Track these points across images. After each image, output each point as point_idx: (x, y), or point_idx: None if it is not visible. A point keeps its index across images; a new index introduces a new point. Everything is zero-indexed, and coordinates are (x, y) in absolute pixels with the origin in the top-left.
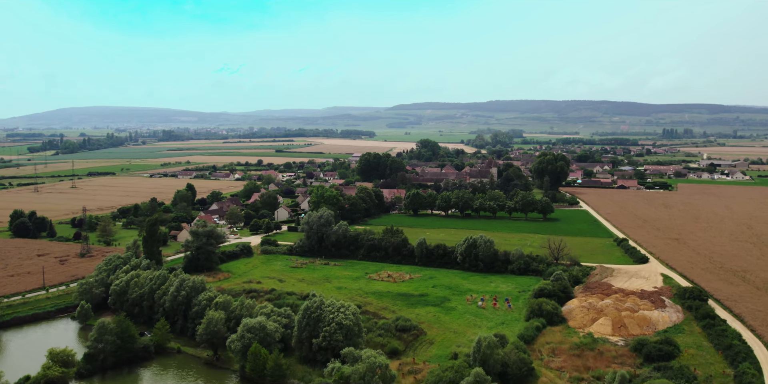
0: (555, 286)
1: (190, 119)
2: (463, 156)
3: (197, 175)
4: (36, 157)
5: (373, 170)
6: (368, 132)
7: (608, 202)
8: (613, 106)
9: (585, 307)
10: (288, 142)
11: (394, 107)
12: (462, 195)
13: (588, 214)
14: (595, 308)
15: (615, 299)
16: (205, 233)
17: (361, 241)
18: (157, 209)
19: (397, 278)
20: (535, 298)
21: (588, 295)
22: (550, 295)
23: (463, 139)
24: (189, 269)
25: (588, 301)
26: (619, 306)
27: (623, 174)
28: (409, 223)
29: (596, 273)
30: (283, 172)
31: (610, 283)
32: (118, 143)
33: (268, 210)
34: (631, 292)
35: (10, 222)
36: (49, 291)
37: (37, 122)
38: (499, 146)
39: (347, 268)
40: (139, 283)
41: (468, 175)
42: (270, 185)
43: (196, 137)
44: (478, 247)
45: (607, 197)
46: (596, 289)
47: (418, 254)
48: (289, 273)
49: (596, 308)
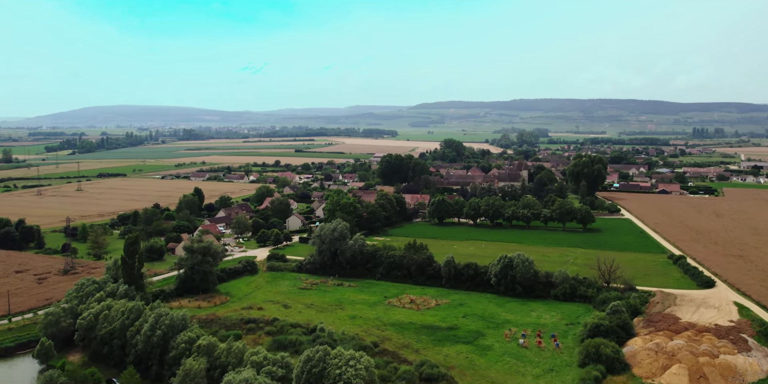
0: (613, 321)
1: (213, 118)
2: (489, 156)
3: (210, 177)
4: (52, 157)
5: (394, 172)
6: (390, 131)
7: (652, 209)
8: (640, 104)
9: (652, 350)
10: (308, 142)
11: (416, 106)
12: (492, 202)
13: (632, 223)
14: (664, 351)
15: (687, 339)
16: (200, 250)
17: (379, 257)
18: (157, 217)
19: (421, 305)
20: (590, 337)
21: (653, 333)
22: (607, 333)
23: (487, 138)
24: (182, 291)
25: (654, 341)
26: (694, 349)
27: (662, 177)
28: (434, 233)
29: (657, 301)
30: (300, 173)
31: (676, 314)
32: (137, 142)
33: (280, 218)
34: (704, 328)
35: None
36: (12, 320)
37: (62, 121)
38: (525, 146)
39: (363, 290)
40: (109, 316)
41: (496, 178)
42: (285, 188)
43: (217, 136)
44: (515, 268)
45: (649, 203)
46: (660, 323)
47: (446, 275)
48: (296, 296)
49: (666, 351)
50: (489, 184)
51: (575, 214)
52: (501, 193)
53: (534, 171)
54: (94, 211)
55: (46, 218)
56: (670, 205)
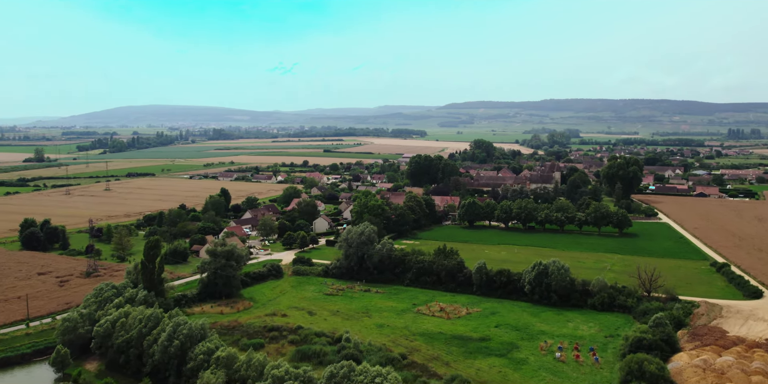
0: (656, 334)
1: (243, 118)
2: (519, 157)
3: (238, 177)
4: (83, 157)
5: (423, 174)
6: (419, 131)
7: (690, 213)
8: (673, 105)
9: (699, 367)
10: (337, 142)
11: (445, 106)
12: (525, 205)
13: (670, 228)
14: (712, 369)
15: (737, 355)
16: (223, 253)
17: (408, 263)
18: (183, 218)
19: (451, 313)
20: (632, 351)
21: (699, 348)
22: (650, 348)
23: (517, 139)
24: (204, 296)
25: (701, 356)
26: (745, 366)
27: (699, 179)
28: (464, 237)
29: (701, 312)
30: (328, 174)
31: (722, 327)
32: (168, 142)
33: (306, 220)
34: (754, 343)
35: (20, 232)
36: (30, 325)
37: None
38: (556, 147)
39: (391, 297)
40: (126, 324)
41: (528, 179)
42: (312, 189)
43: (246, 136)
44: (551, 276)
45: (687, 207)
46: (707, 337)
47: (477, 282)
48: (322, 302)
49: (714, 369)
50: (521, 186)
51: (611, 218)
52: (533, 196)
53: (567, 173)
54: (121, 212)
55: (73, 218)
56: (709, 208)
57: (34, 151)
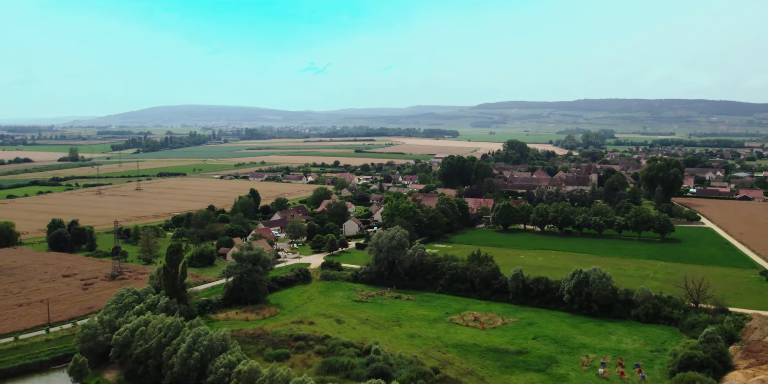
0: (707, 351)
1: (275, 118)
2: (554, 158)
3: (269, 177)
4: (116, 156)
5: (456, 175)
6: (452, 131)
7: (734, 217)
8: (710, 105)
9: None
10: (369, 142)
11: (478, 106)
12: (561, 208)
13: (715, 233)
14: None
15: None
16: (249, 258)
17: (441, 269)
18: (211, 219)
19: (486, 323)
20: (682, 369)
21: (755, 367)
22: (701, 366)
23: (551, 139)
24: (229, 301)
25: (758, 376)
26: None
27: (742, 182)
28: (499, 241)
29: (754, 326)
30: (359, 174)
31: None
32: (200, 141)
33: (336, 222)
34: None
35: (47, 232)
36: (50, 331)
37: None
38: (591, 147)
39: (423, 305)
40: (146, 333)
41: (564, 181)
42: (343, 190)
43: (278, 136)
44: (591, 284)
45: (731, 211)
46: (762, 353)
47: (513, 290)
48: (350, 309)
49: None
50: (557, 188)
51: (653, 223)
52: (569, 198)
53: (603, 174)
54: (150, 212)
55: (102, 218)
56: (754, 212)
57: (68, 150)
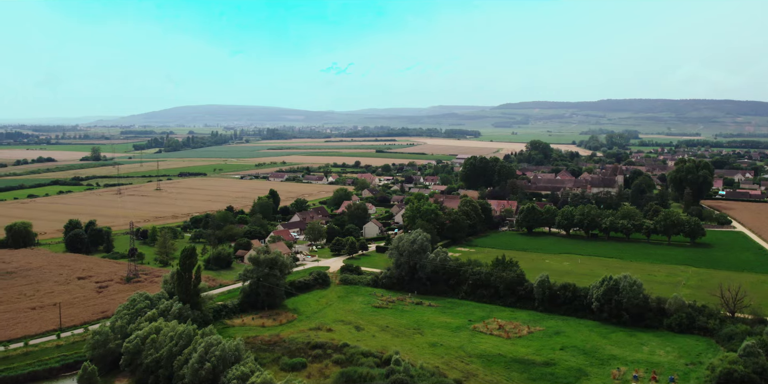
0: (748, 366)
1: (297, 117)
2: (577, 159)
3: (289, 178)
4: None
5: (479, 176)
6: (473, 131)
7: (767, 221)
8: (736, 105)
9: None
10: (390, 142)
11: (500, 106)
12: (588, 211)
13: (747, 238)
14: None
15: None
16: (266, 262)
17: (464, 274)
18: (230, 220)
19: (511, 332)
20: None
21: None
22: (742, 382)
23: (574, 140)
24: (246, 306)
25: None
26: None
27: None
28: (523, 244)
29: None
30: (380, 175)
31: None
32: (222, 141)
33: (356, 224)
34: None
35: (64, 233)
36: (61, 336)
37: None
38: (615, 148)
39: (445, 311)
40: (157, 341)
41: (589, 183)
42: (363, 191)
43: (300, 136)
44: (622, 292)
45: (763, 214)
46: None
47: (539, 297)
48: (370, 316)
49: None
50: (582, 190)
51: (683, 227)
52: (594, 201)
53: (630, 176)
54: (169, 212)
55: (121, 219)
56: None
57: (91, 149)
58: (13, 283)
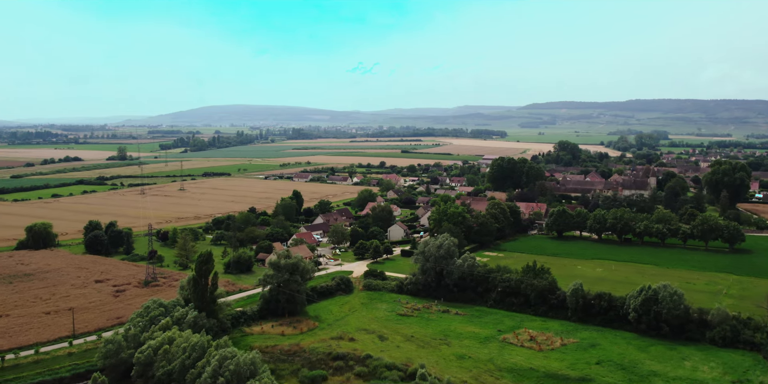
0: None
1: (322, 117)
2: (607, 160)
3: (313, 178)
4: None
5: (506, 177)
6: (500, 132)
7: None
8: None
9: None
10: (415, 142)
11: (526, 106)
12: (621, 215)
13: None
14: None
15: None
16: (287, 267)
17: (492, 281)
18: (252, 221)
19: (543, 343)
20: None
21: None
22: None
23: (602, 140)
24: (265, 313)
25: None
26: None
27: None
28: (553, 249)
29: None
30: (405, 175)
31: None
32: (247, 141)
33: (380, 226)
34: None
35: (84, 234)
36: (73, 343)
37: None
38: (645, 149)
39: (473, 320)
40: (169, 353)
41: (620, 185)
42: (388, 192)
43: (325, 136)
44: (661, 302)
45: None
46: None
47: (573, 306)
48: (394, 324)
49: None
50: (614, 192)
51: (721, 232)
52: (626, 203)
53: (662, 178)
54: (191, 213)
55: (143, 219)
56: None
57: (117, 149)
58: (30, 285)
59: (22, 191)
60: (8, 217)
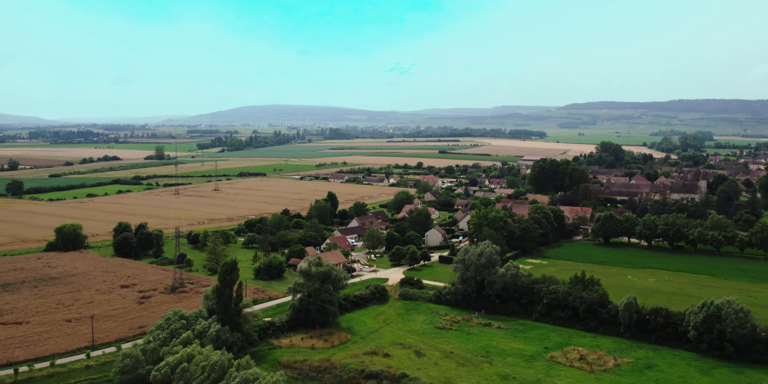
0: None
1: (360, 117)
2: (651, 162)
3: (349, 179)
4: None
5: (548, 179)
6: (539, 132)
7: None
8: None
9: None
10: (453, 143)
11: (566, 106)
12: (673, 221)
13: None
14: None
15: None
16: (318, 275)
17: (537, 292)
18: (285, 224)
19: (594, 364)
20: None
21: None
22: None
23: (645, 141)
24: (295, 324)
25: None
26: None
27: None
28: (600, 257)
29: None
30: (443, 177)
31: None
32: (284, 141)
33: (417, 231)
34: None
35: (113, 236)
36: (91, 356)
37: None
38: (690, 150)
39: (517, 335)
40: (187, 372)
41: (668, 188)
42: (426, 194)
43: (362, 136)
44: (725, 320)
45: None
46: None
47: (626, 321)
48: (432, 339)
49: None
50: (663, 197)
51: None
52: (676, 208)
53: (713, 181)
54: (224, 214)
55: (175, 221)
56: None
57: (155, 148)
58: (55, 290)
59: (58, 190)
60: (41, 217)
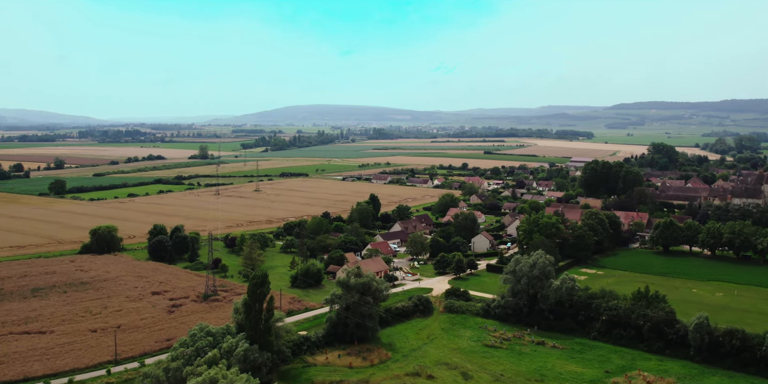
0: None
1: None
2: (707, 164)
3: (392, 180)
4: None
5: (600, 182)
6: (586, 133)
7: None
8: None
9: None
10: (498, 143)
11: (613, 106)
12: (740, 229)
13: None
14: None
15: None
16: (357, 287)
17: (596, 308)
18: (325, 228)
19: None
20: None
21: None
22: None
23: (696, 142)
24: (331, 339)
25: None
26: None
27: None
28: (661, 267)
29: None
30: (489, 178)
31: None
32: (328, 141)
33: (463, 236)
34: None
35: (148, 239)
36: (111, 372)
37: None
38: (747, 152)
39: (574, 356)
40: None
41: (729, 192)
42: (471, 197)
43: (406, 136)
44: None
45: None
46: None
47: (696, 343)
48: (480, 357)
49: None
50: (726, 202)
51: None
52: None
53: None
54: (264, 216)
55: (213, 222)
56: None
57: (199, 148)
58: (84, 296)
59: (100, 190)
60: (80, 218)
